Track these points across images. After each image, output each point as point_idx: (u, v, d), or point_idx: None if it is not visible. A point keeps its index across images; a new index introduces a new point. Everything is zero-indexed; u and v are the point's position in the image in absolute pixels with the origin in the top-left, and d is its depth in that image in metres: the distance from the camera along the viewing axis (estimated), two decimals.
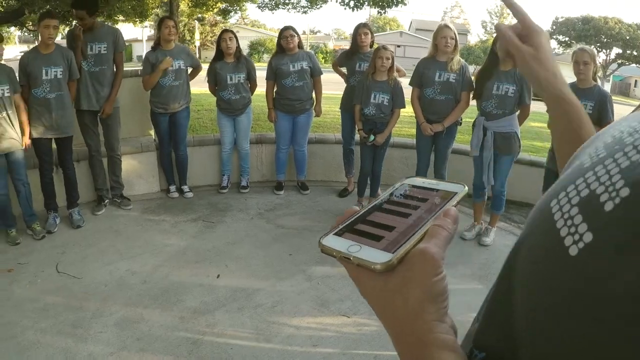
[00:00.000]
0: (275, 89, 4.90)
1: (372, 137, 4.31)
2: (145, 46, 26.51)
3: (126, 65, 4.59)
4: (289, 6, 12.01)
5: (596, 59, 3.65)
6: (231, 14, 16.28)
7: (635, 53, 35.05)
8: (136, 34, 32.63)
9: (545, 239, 0.41)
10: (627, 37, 34.24)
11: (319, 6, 11.46)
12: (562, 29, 37.84)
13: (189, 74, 4.90)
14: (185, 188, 5.06)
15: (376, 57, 4.19)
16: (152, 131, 5.13)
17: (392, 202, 0.49)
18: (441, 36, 4.08)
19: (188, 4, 11.54)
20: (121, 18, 10.92)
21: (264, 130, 6.08)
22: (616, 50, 36.37)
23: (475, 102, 4.11)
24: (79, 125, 4.33)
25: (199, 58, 7.83)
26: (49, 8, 6.70)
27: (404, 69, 4.82)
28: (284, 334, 2.82)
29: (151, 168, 5.11)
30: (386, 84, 4.23)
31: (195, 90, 5.41)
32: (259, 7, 12.48)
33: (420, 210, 0.46)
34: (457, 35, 4.14)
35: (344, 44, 33.48)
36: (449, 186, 0.49)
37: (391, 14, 66.58)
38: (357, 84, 4.54)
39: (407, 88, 4.34)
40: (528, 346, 0.40)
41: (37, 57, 3.89)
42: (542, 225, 0.43)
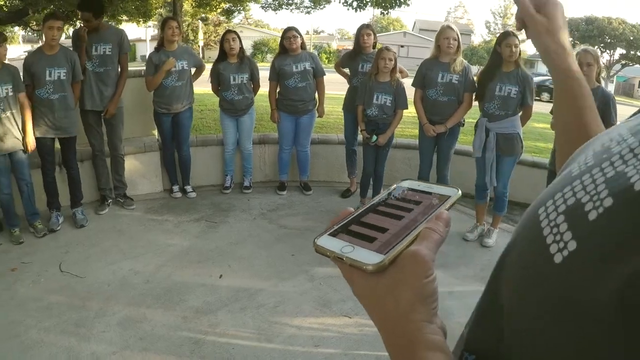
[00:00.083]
0: (278, 90, 4.91)
1: (374, 137, 4.32)
2: (148, 46, 26.51)
3: (130, 65, 4.60)
4: (293, 6, 12.03)
5: (599, 60, 3.65)
6: (235, 14, 16.33)
7: (639, 54, 34.88)
8: (140, 33, 32.67)
9: (532, 246, 0.42)
10: (631, 38, 34.05)
11: (322, 6, 11.48)
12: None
13: (193, 74, 4.91)
14: (188, 188, 5.08)
15: (379, 58, 4.20)
16: (156, 131, 5.14)
17: (387, 205, 0.49)
18: (444, 37, 4.07)
19: (192, 4, 11.56)
20: (125, 18, 10.92)
21: (266, 131, 6.09)
22: (620, 51, 36.17)
23: (478, 103, 4.11)
24: (82, 125, 4.35)
25: (203, 58, 7.84)
26: (53, 8, 6.72)
27: (408, 69, 4.82)
28: (285, 334, 2.83)
29: (154, 168, 5.13)
30: (389, 85, 4.24)
31: (198, 90, 5.43)
32: (262, 7, 12.51)
33: (414, 213, 0.46)
34: (459, 36, 4.14)
35: (348, 44, 33.44)
36: (443, 190, 0.49)
37: (394, 14, 66.52)
38: (359, 84, 4.55)
39: (409, 89, 4.35)
40: (517, 350, 0.40)
41: (41, 58, 3.90)
42: (529, 232, 0.43)
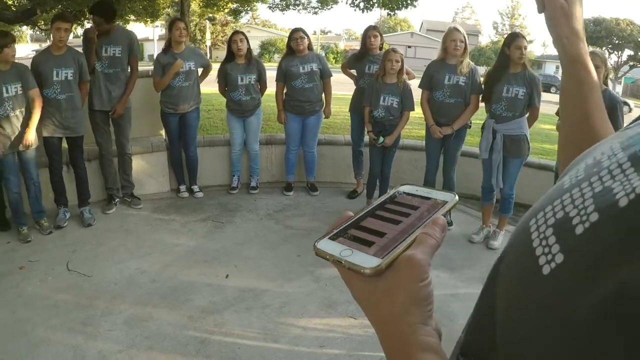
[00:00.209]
0: (285, 91, 4.92)
1: (381, 139, 4.32)
2: (156, 45, 26.60)
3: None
4: (300, 7, 12.04)
5: (607, 62, 3.63)
6: (242, 14, 16.35)
7: None
8: (147, 33, 32.79)
9: (521, 257, 0.43)
10: (639, 39, 33.84)
11: (329, 7, 11.49)
12: None
13: (200, 74, 4.93)
14: (195, 188, 5.09)
15: (386, 60, 4.20)
16: (163, 131, 5.17)
17: (385, 209, 0.50)
18: (450, 39, 4.07)
19: (199, 4, 11.59)
20: (132, 18, 10.97)
21: (273, 132, 6.10)
22: (628, 52, 35.94)
23: (484, 105, 4.10)
24: (90, 124, 4.38)
25: (210, 58, 7.88)
26: (61, 8, 6.76)
27: (415, 69, 4.82)
28: (291, 335, 2.83)
29: (161, 168, 5.15)
30: (395, 86, 4.24)
31: (206, 90, 5.44)
32: (269, 7, 12.52)
33: (411, 218, 0.47)
34: (466, 38, 4.12)
35: (355, 44, 33.44)
36: (440, 195, 0.50)
37: (402, 14, 66.46)
38: (366, 86, 4.55)
39: (416, 90, 4.34)
40: (508, 357, 0.41)
41: (48, 58, 3.94)
42: (520, 243, 0.44)
